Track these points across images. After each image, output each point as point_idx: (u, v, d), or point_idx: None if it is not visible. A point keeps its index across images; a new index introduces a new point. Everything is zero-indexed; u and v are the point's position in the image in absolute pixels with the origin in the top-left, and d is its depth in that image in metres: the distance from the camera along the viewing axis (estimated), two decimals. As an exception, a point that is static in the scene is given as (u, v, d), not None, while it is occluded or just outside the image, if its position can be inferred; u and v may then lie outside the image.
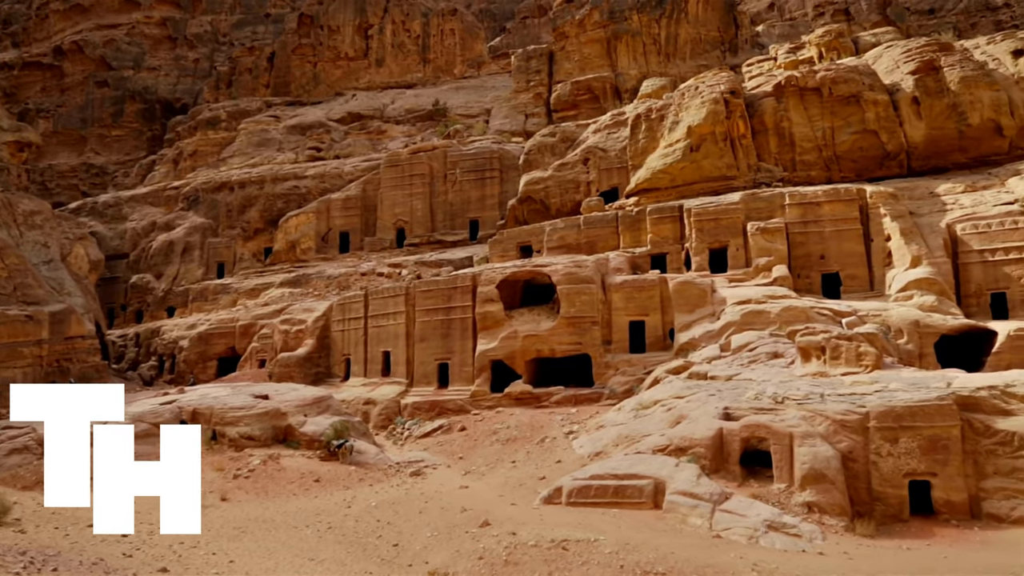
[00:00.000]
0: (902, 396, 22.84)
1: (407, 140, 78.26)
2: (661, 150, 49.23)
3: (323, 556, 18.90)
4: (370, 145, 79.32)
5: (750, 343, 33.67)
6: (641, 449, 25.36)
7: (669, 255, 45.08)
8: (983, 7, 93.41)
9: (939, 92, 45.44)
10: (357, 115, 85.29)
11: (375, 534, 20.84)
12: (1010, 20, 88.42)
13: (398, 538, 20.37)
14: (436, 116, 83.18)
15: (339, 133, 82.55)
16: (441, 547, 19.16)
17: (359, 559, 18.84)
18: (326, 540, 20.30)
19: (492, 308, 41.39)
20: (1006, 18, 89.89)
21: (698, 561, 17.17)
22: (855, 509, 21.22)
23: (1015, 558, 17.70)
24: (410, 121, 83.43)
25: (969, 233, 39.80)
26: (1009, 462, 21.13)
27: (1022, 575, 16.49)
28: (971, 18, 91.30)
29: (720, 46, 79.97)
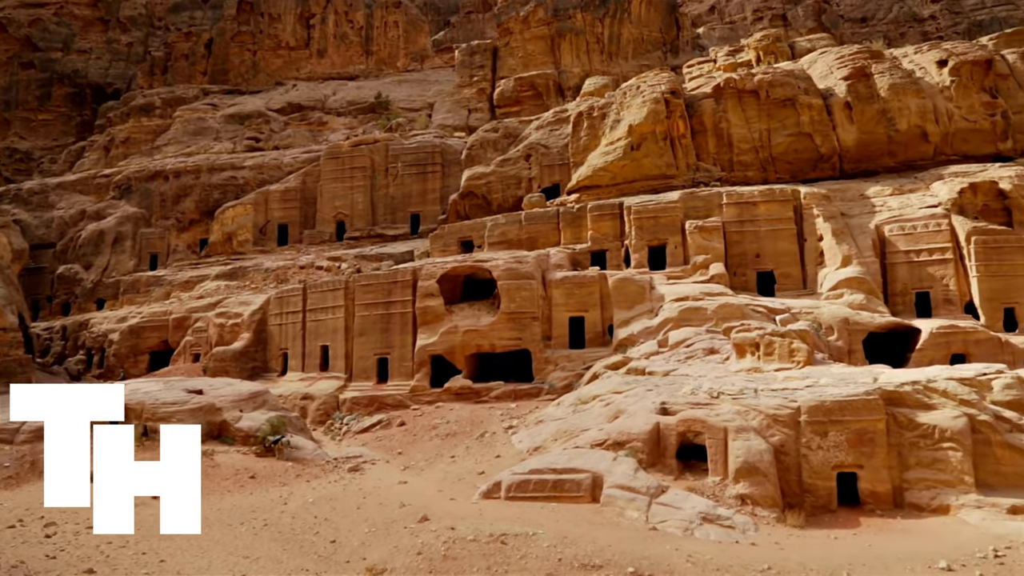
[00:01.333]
0: (832, 391, 23.52)
1: (348, 132, 77.25)
2: (602, 148, 49.68)
3: (258, 554, 18.54)
4: (310, 136, 78.01)
5: (687, 339, 34.26)
6: (580, 444, 25.59)
7: (609, 252, 45.55)
8: (911, 18, 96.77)
9: (870, 98, 46.95)
10: (297, 106, 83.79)
11: (312, 531, 20.54)
12: (936, 31, 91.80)
13: (336, 535, 20.12)
14: (378, 109, 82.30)
15: (279, 124, 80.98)
16: (379, 543, 19.00)
17: (295, 556, 18.54)
18: (261, 538, 19.92)
19: (432, 303, 41.21)
20: (932, 29, 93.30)
21: (635, 553, 17.40)
22: (786, 501, 21.80)
23: (934, 545, 18.43)
24: (352, 113, 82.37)
25: (896, 234, 41.26)
26: (930, 454, 21.97)
27: (939, 562, 17.20)
28: (900, 28, 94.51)
29: (662, 47, 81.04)
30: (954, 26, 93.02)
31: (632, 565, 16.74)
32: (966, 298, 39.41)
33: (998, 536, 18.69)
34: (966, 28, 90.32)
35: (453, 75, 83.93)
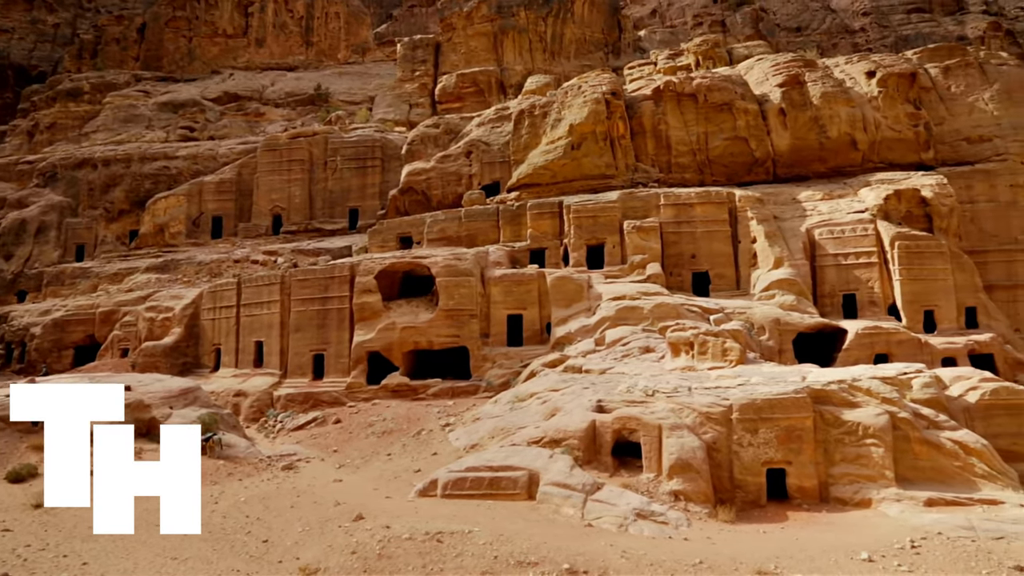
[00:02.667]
0: (762, 390, 24.14)
1: (287, 124, 75.85)
2: (543, 146, 49.91)
3: (187, 554, 18.07)
4: (247, 127, 76.33)
5: (624, 338, 34.69)
6: (516, 441, 25.66)
7: (548, 250, 45.80)
8: (843, 30, 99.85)
9: (803, 105, 48.29)
10: (234, 95, 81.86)
11: (244, 530, 20.12)
12: (865, 43, 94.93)
13: (268, 534, 19.75)
14: (318, 101, 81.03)
15: (214, 113, 78.98)
16: (313, 542, 18.74)
17: (226, 556, 18.15)
18: (190, 538, 19.40)
19: (370, 299, 40.82)
20: (862, 41, 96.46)
21: (570, 550, 17.54)
22: (718, 496, 22.27)
23: (856, 538, 19.10)
24: (290, 105, 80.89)
25: (825, 238, 42.57)
26: (854, 450, 22.76)
27: (861, 554, 17.84)
28: (832, 39, 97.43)
29: (604, 48, 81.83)
30: (882, 39, 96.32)
31: (567, 562, 16.88)
32: (889, 300, 40.93)
33: (915, 528, 19.47)
34: (893, 41, 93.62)
35: (395, 69, 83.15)
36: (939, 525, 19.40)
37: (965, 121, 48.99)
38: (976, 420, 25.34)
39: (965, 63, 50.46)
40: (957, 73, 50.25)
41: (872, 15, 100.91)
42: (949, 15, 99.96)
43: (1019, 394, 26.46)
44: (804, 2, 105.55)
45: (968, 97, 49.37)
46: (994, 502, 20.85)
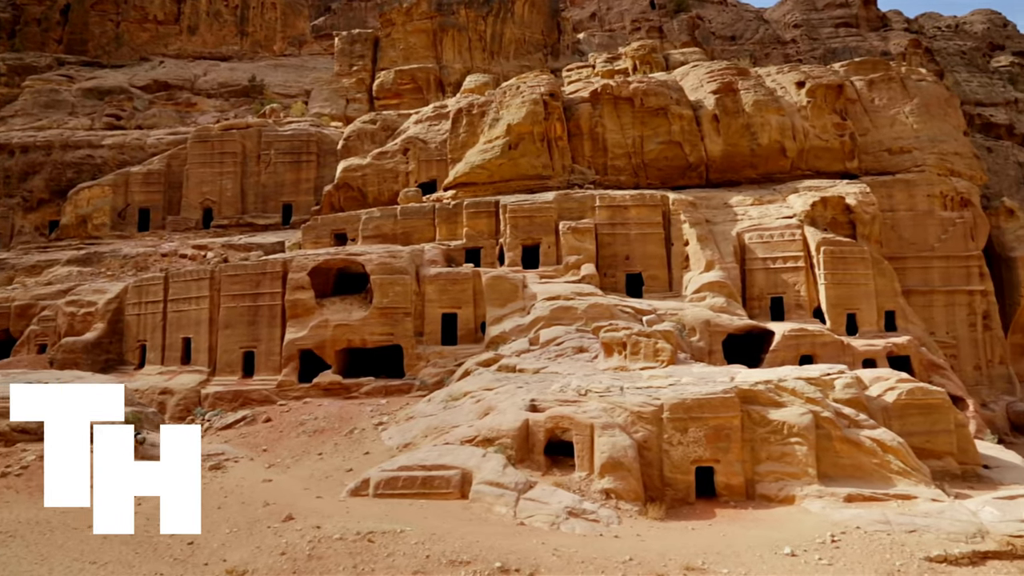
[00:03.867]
0: (692, 389, 24.60)
1: (219, 115, 73.97)
2: (481, 145, 49.91)
3: (106, 559, 17.42)
4: (178, 117, 74.14)
5: (557, 337, 34.92)
6: (450, 440, 25.57)
7: (484, 249, 45.82)
8: (775, 40, 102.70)
9: (736, 112, 49.47)
10: (164, 84, 79.39)
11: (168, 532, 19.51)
12: (796, 55, 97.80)
13: (193, 536, 19.19)
14: (252, 93, 79.26)
15: (143, 101, 76.45)
16: (241, 544, 18.29)
17: (149, 560, 17.56)
18: (111, 541, 18.71)
19: (303, 296, 40.19)
20: (792, 52, 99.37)
21: (502, 548, 17.56)
22: (648, 494, 22.59)
23: (780, 533, 19.65)
24: (223, 95, 78.91)
25: (755, 242, 43.70)
26: (779, 448, 23.41)
27: (784, 548, 18.38)
28: (765, 48, 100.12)
29: (543, 49, 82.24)
30: (812, 51, 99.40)
31: (499, 560, 16.89)
32: (815, 303, 42.28)
33: (835, 523, 20.13)
34: (822, 54, 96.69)
35: (332, 63, 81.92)
36: (857, 520, 20.10)
37: (887, 133, 50.95)
38: (893, 419, 26.35)
39: (888, 77, 52.49)
40: (881, 87, 52.23)
41: (803, 27, 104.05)
42: (874, 31, 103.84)
43: (932, 394, 27.63)
44: (739, 12, 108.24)
45: (890, 110, 51.36)
46: (908, 497, 21.72)
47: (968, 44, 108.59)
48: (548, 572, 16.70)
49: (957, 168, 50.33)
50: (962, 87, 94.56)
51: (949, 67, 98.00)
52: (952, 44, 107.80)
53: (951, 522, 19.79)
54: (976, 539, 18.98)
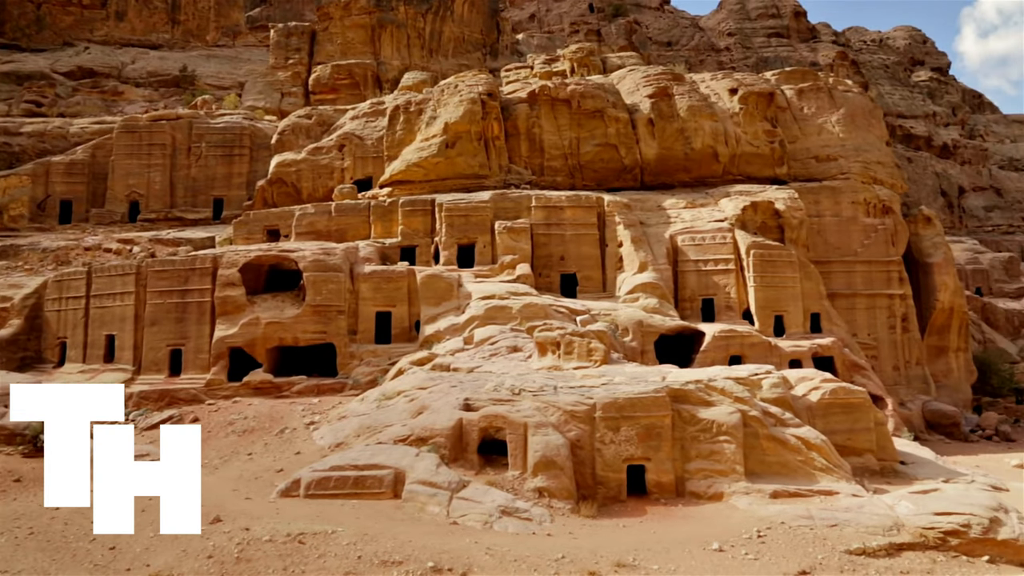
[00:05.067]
0: (624, 389, 24.89)
1: (148, 105, 71.62)
2: (417, 143, 49.61)
3: (20, 566, 16.69)
4: (103, 106, 71.50)
5: (492, 337, 34.94)
6: (383, 439, 25.34)
7: (419, 248, 45.55)
8: (710, 48, 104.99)
9: (671, 117, 50.33)
10: (89, 71, 76.41)
11: (88, 538, 18.73)
12: (729, 62, 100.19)
13: (115, 541, 18.49)
14: (183, 83, 76.94)
15: (66, 88, 73.45)
16: (166, 547, 17.73)
17: (67, 567, 16.89)
18: (25, 547, 17.94)
19: (233, 292, 39.29)
20: (726, 60, 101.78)
21: (434, 548, 17.49)
22: (580, 492, 22.77)
23: (708, 529, 20.08)
24: (152, 85, 76.46)
25: (687, 244, 44.54)
26: (708, 446, 23.88)
27: (713, 544, 18.77)
28: (700, 55, 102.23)
29: (482, 48, 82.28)
30: (745, 59, 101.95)
31: (432, 560, 16.82)
32: (744, 305, 43.32)
33: (761, 518, 20.65)
34: (755, 62, 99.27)
35: (267, 55, 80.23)
36: (782, 515, 20.66)
37: (815, 141, 52.54)
38: (817, 418, 27.16)
39: (816, 87, 54.14)
40: (809, 96, 53.84)
41: (736, 36, 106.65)
42: (804, 42, 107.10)
43: (854, 394, 28.58)
44: (675, 19, 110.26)
45: (818, 119, 52.97)
46: (830, 493, 22.42)
47: (891, 58, 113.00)
48: (481, 571, 16.69)
49: (880, 177, 52.22)
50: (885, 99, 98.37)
51: (873, 79, 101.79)
52: (876, 58, 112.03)
53: (870, 516, 20.51)
54: (892, 532, 19.72)
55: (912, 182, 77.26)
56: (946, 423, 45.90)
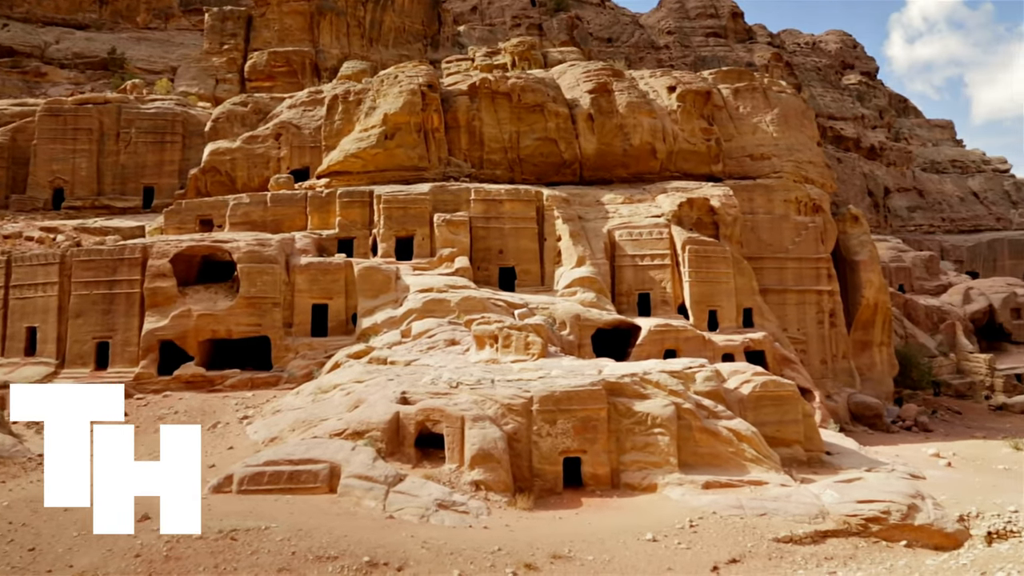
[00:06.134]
0: (561, 382, 25.10)
1: (73, 88, 69.08)
2: (356, 134, 49.02)
3: (-86, 574, 15.93)
4: (24, 87, 68.69)
5: (430, 330, 34.83)
6: (318, 434, 25.04)
7: (357, 240, 45.05)
8: (649, 45, 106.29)
9: (610, 112, 50.80)
10: (9, 49, 73.21)
11: (6, 539, 17.97)
12: (668, 60, 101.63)
13: (35, 541, 17.81)
14: (111, 66, 74.44)
15: (-17, 69, 70.37)
16: (90, 547, 17.14)
17: (-21, 570, 16.20)
18: (-63, 549, 17.15)
19: (164, 283, 38.25)
20: (665, 57, 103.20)
21: (370, 542, 17.38)
22: (517, 485, 22.89)
23: (642, 520, 20.42)
24: (78, 67, 73.72)
25: (624, 240, 45.07)
26: (643, 439, 24.26)
27: (646, 534, 19.11)
28: (640, 52, 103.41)
29: (423, 39, 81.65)
30: (683, 57, 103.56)
31: (368, 554, 16.71)
32: (680, 300, 44.08)
33: (694, 509, 21.11)
34: (693, 61, 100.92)
35: (201, 39, 78.07)
36: (714, 505, 21.16)
37: (750, 140, 53.72)
38: (748, 410, 27.88)
39: (752, 87, 55.32)
40: (745, 95, 54.99)
41: (676, 35, 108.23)
42: (741, 43, 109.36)
43: (783, 387, 29.43)
44: (616, 15, 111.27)
45: (753, 118, 54.16)
46: (760, 483, 23.05)
47: (823, 61, 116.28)
48: (417, 565, 16.66)
49: (811, 176, 53.71)
50: (817, 101, 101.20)
51: (806, 81, 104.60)
52: (809, 60, 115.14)
53: (797, 505, 21.17)
54: (818, 520, 20.42)
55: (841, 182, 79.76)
56: (869, 415, 47.60)
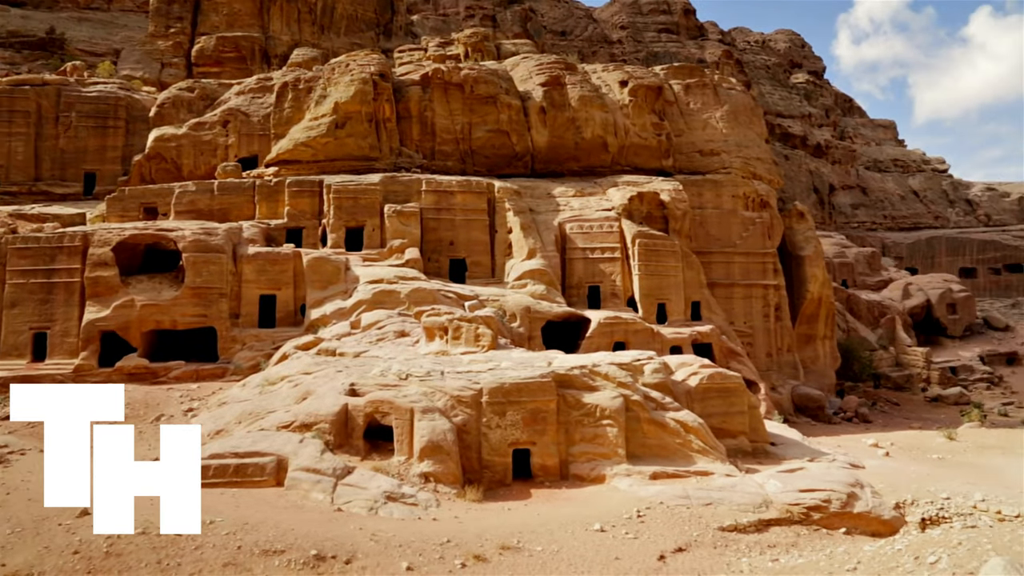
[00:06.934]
0: (511, 374, 25.16)
1: (8, 68, 66.62)
2: (306, 122, 48.32)
3: None
4: (-43, 68, 66.07)
5: (379, 321, 34.60)
6: (265, 426, 24.69)
7: (306, 230, 44.47)
8: (602, 39, 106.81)
9: (562, 106, 50.96)
10: (-63, 28, 70.45)
11: (-65, 540, 17.39)
12: (621, 55, 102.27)
13: (-32, 541, 17.24)
14: (50, 47, 71.95)
15: (-88, 47, 67.43)
16: (25, 544, 16.61)
17: (-102, 574, 15.57)
18: None
19: (106, 273, 37.23)
20: (618, 52, 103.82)
21: (318, 536, 17.21)
22: (467, 477, 22.90)
23: (591, 510, 20.61)
24: (14, 47, 71.09)
25: (575, 232, 45.34)
26: (592, 430, 24.47)
27: (595, 524, 19.31)
28: (593, 46, 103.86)
29: (375, 28, 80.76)
30: (636, 52, 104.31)
31: (315, 548, 16.55)
32: (629, 293, 44.54)
33: (641, 499, 21.38)
34: (645, 56, 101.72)
35: (146, 22, 75.98)
36: (661, 496, 21.46)
37: (700, 135, 54.44)
38: (695, 402, 28.28)
39: (703, 84, 56.03)
40: (696, 92, 55.67)
41: (629, 30, 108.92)
42: (692, 39, 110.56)
43: (730, 379, 29.92)
44: (570, 9, 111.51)
45: (703, 114, 54.88)
46: (706, 473, 23.44)
47: (772, 60, 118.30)
48: (365, 558, 16.56)
49: (759, 172, 54.68)
50: (765, 98, 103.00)
51: (755, 79, 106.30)
52: (759, 58, 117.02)
53: (741, 495, 21.60)
54: (762, 509, 20.87)
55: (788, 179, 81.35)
56: (812, 406, 48.79)
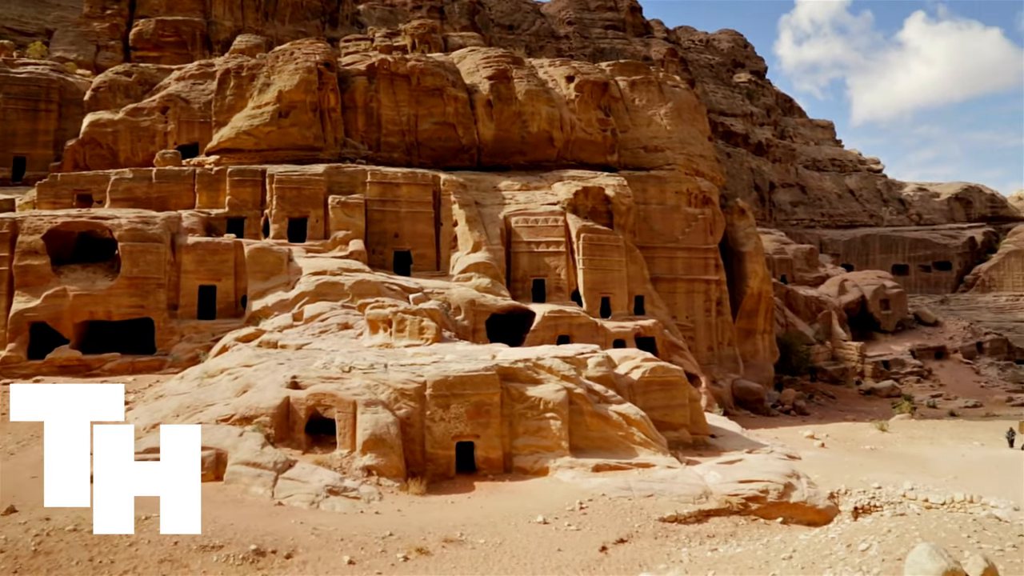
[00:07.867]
0: (455, 367, 25.14)
1: (-68, 49, 63.66)
2: (249, 111, 47.39)
3: None
4: None
5: (322, 313, 34.25)
6: (204, 419, 24.22)
7: (248, 220, 43.66)
8: (550, 34, 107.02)
9: (509, 99, 50.99)
10: None
11: None
12: (568, 50, 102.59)
13: None
14: (-24, 26, 69.00)
15: None
16: (-53, 544, 16.03)
17: None
18: None
19: (36, 261, 35.99)
20: (565, 47, 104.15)
21: (258, 530, 17.01)
22: (410, 470, 22.83)
23: (534, 503, 20.81)
24: (-62, 26, 68.02)
25: (521, 226, 45.47)
26: (535, 423, 24.63)
27: (537, 516, 19.44)
28: (540, 41, 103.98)
29: (321, 16, 79.51)
30: (583, 48, 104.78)
31: (255, 542, 16.35)
32: (573, 287, 44.88)
33: (584, 491, 21.63)
34: (591, 52, 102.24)
35: (81, 2, 73.29)
36: (604, 488, 21.74)
37: (645, 132, 55.06)
38: (638, 395, 28.71)
39: (648, 81, 56.66)
40: (641, 88, 56.27)
41: (576, 25, 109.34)
42: (638, 36, 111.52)
43: (671, 372, 30.47)
44: (517, 3, 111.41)
45: (648, 111, 55.51)
46: (648, 465, 23.82)
47: (715, 59, 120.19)
48: (306, 552, 16.41)
49: (702, 169, 55.57)
50: (709, 97, 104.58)
51: (699, 77, 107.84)
52: (703, 57, 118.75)
53: (682, 486, 22.01)
54: (702, 500, 21.31)
55: (730, 176, 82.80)
56: (752, 399, 49.91)
